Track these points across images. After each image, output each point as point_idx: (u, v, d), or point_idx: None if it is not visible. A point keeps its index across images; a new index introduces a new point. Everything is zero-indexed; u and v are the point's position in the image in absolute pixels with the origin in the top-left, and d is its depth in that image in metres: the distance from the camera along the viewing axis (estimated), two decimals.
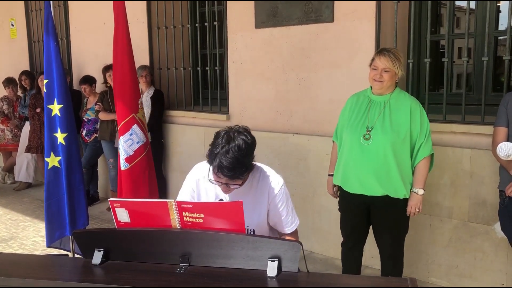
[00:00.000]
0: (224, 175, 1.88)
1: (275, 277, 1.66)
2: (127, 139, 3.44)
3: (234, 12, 4.27)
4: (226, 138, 1.90)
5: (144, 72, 4.81)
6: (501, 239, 3.03)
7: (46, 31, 3.31)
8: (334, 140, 2.97)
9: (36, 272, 1.89)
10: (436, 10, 3.75)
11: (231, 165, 1.85)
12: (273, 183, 2.08)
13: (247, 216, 2.06)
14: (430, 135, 2.71)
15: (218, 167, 1.86)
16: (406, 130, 2.63)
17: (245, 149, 1.89)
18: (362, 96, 2.81)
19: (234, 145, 1.87)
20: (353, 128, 2.72)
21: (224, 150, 1.86)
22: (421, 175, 2.70)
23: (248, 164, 1.94)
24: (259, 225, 2.11)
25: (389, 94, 2.70)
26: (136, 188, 3.48)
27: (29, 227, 4.79)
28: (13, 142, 6.44)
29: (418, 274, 3.40)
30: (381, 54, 2.64)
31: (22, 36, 6.92)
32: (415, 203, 2.71)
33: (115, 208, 1.85)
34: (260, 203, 2.09)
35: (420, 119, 2.66)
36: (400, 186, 2.67)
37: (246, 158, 1.91)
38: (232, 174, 1.87)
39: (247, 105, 4.30)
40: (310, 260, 3.76)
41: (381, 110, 2.68)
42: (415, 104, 2.68)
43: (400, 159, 2.65)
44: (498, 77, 3.90)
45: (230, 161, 1.84)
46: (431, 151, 2.69)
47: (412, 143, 2.68)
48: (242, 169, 1.89)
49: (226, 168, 1.85)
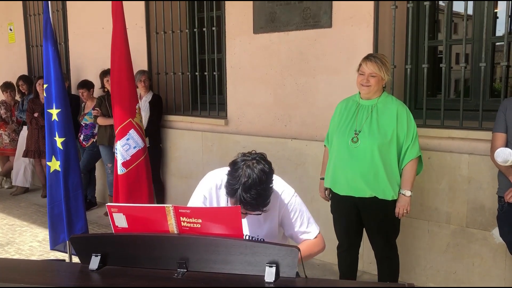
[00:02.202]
0: (247, 209, 1.88)
1: (273, 283, 1.65)
2: (124, 143, 3.44)
3: (233, 17, 4.28)
4: (244, 171, 1.84)
5: (143, 77, 4.81)
6: (499, 244, 3.03)
7: (45, 36, 3.32)
8: (326, 145, 3.02)
9: (33, 278, 1.89)
10: (433, 16, 3.76)
11: (254, 201, 1.84)
12: (283, 195, 2.06)
13: (257, 225, 2.06)
14: (417, 138, 2.77)
15: (241, 203, 1.84)
16: (392, 132, 2.69)
17: (266, 181, 1.86)
18: (351, 101, 2.88)
19: (255, 179, 1.82)
20: (342, 132, 2.79)
21: (246, 186, 1.82)
22: (408, 177, 2.75)
23: (270, 194, 1.90)
24: (269, 234, 2.09)
25: (376, 98, 2.77)
26: (132, 193, 3.47)
27: (26, 232, 4.77)
28: (10, 147, 6.42)
29: (416, 279, 3.40)
30: (368, 59, 2.72)
31: (20, 40, 6.92)
32: (403, 205, 2.76)
33: (113, 213, 1.84)
34: (271, 213, 2.05)
35: (407, 122, 2.72)
36: (387, 188, 2.72)
37: (267, 190, 1.88)
38: (256, 208, 1.87)
39: (245, 110, 4.30)
40: (308, 265, 3.73)
41: (369, 114, 2.75)
42: (401, 108, 2.75)
43: (387, 161, 2.71)
44: (495, 82, 3.91)
45: (254, 197, 1.82)
46: (418, 153, 2.75)
47: (399, 146, 2.74)
48: (265, 202, 1.88)
49: (250, 205, 1.84)
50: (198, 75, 4.83)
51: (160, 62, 5.07)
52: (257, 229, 2.08)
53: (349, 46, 3.59)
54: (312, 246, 2.06)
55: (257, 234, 2.09)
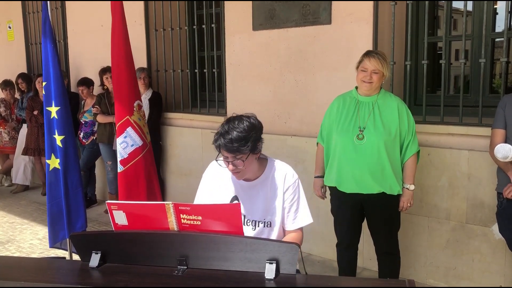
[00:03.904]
0: (225, 148, 1.92)
1: (273, 279, 1.66)
2: (121, 141, 3.42)
3: (232, 14, 4.27)
4: (228, 119, 2.01)
5: (142, 74, 4.81)
6: (498, 240, 3.03)
7: (43, 33, 3.31)
8: (319, 142, 2.99)
9: (33, 275, 1.89)
10: (433, 12, 3.76)
11: (231, 137, 1.91)
12: (288, 176, 2.11)
13: (263, 208, 2.09)
14: (416, 133, 2.80)
15: (220, 141, 1.93)
16: (396, 128, 2.72)
17: (245, 126, 1.95)
18: (348, 97, 2.86)
19: (235, 123, 1.97)
20: (345, 130, 2.77)
21: (225, 127, 1.96)
22: (410, 171, 2.79)
23: (249, 139, 1.95)
24: (277, 218, 2.11)
25: (376, 95, 2.78)
26: (130, 191, 3.44)
27: (26, 230, 4.78)
28: (10, 145, 6.42)
29: (416, 276, 3.40)
30: (370, 56, 2.71)
31: (19, 38, 6.91)
32: (407, 199, 2.81)
33: (113, 211, 1.84)
34: (276, 195, 2.10)
35: (407, 118, 2.76)
36: (394, 183, 2.74)
37: (246, 133, 1.94)
38: (231, 146, 1.91)
39: (245, 107, 4.29)
40: (309, 262, 3.75)
41: (371, 111, 2.75)
42: (401, 104, 2.78)
43: (392, 156, 2.73)
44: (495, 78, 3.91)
45: (230, 135, 1.92)
46: (417, 148, 2.80)
47: (401, 141, 2.76)
48: (241, 142, 1.92)
49: (226, 140, 1.91)
50: (197, 72, 4.83)
51: (160, 60, 5.07)
52: (264, 211, 2.10)
53: (348, 43, 3.59)
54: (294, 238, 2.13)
55: (264, 217, 2.10)
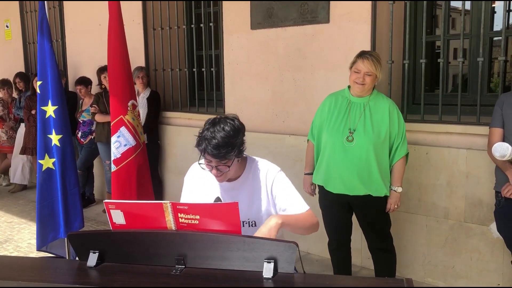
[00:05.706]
0: (210, 154, 1.89)
1: (271, 278, 1.65)
2: (114, 141, 3.41)
3: (230, 13, 4.26)
4: (212, 122, 1.96)
5: (141, 74, 4.80)
6: (497, 239, 3.04)
7: (40, 32, 3.29)
8: (310, 139, 2.99)
9: (31, 275, 1.89)
10: (431, 11, 3.76)
11: (217, 142, 1.87)
12: (269, 172, 2.08)
13: (246, 208, 2.06)
14: (406, 136, 2.80)
15: (205, 146, 1.89)
16: (386, 131, 2.71)
17: (230, 130, 1.92)
18: (340, 97, 2.85)
19: (219, 127, 1.92)
20: (335, 130, 2.77)
21: (210, 131, 1.91)
22: (398, 173, 2.80)
23: (235, 145, 1.93)
24: (261, 217, 2.08)
25: (368, 96, 2.78)
26: (122, 191, 3.42)
27: (24, 229, 4.77)
28: (8, 144, 6.41)
29: (414, 274, 3.41)
30: (364, 57, 2.70)
31: (17, 37, 6.90)
32: (395, 201, 2.82)
33: (110, 210, 1.84)
34: (259, 194, 2.08)
35: (398, 120, 2.75)
36: (381, 186, 2.75)
37: (232, 138, 1.91)
38: (218, 152, 1.88)
39: (243, 106, 4.29)
40: (307, 261, 3.75)
41: (362, 112, 2.75)
42: (392, 106, 2.77)
43: (381, 159, 2.74)
44: (493, 77, 3.91)
45: (216, 140, 1.88)
46: (406, 150, 2.80)
47: (390, 143, 2.76)
48: (227, 148, 1.89)
49: (212, 146, 1.87)
50: (195, 71, 4.82)
51: (158, 59, 5.06)
52: (247, 211, 2.06)
53: (346, 41, 3.58)
54: (301, 218, 2.02)
55: (247, 217, 2.08)
